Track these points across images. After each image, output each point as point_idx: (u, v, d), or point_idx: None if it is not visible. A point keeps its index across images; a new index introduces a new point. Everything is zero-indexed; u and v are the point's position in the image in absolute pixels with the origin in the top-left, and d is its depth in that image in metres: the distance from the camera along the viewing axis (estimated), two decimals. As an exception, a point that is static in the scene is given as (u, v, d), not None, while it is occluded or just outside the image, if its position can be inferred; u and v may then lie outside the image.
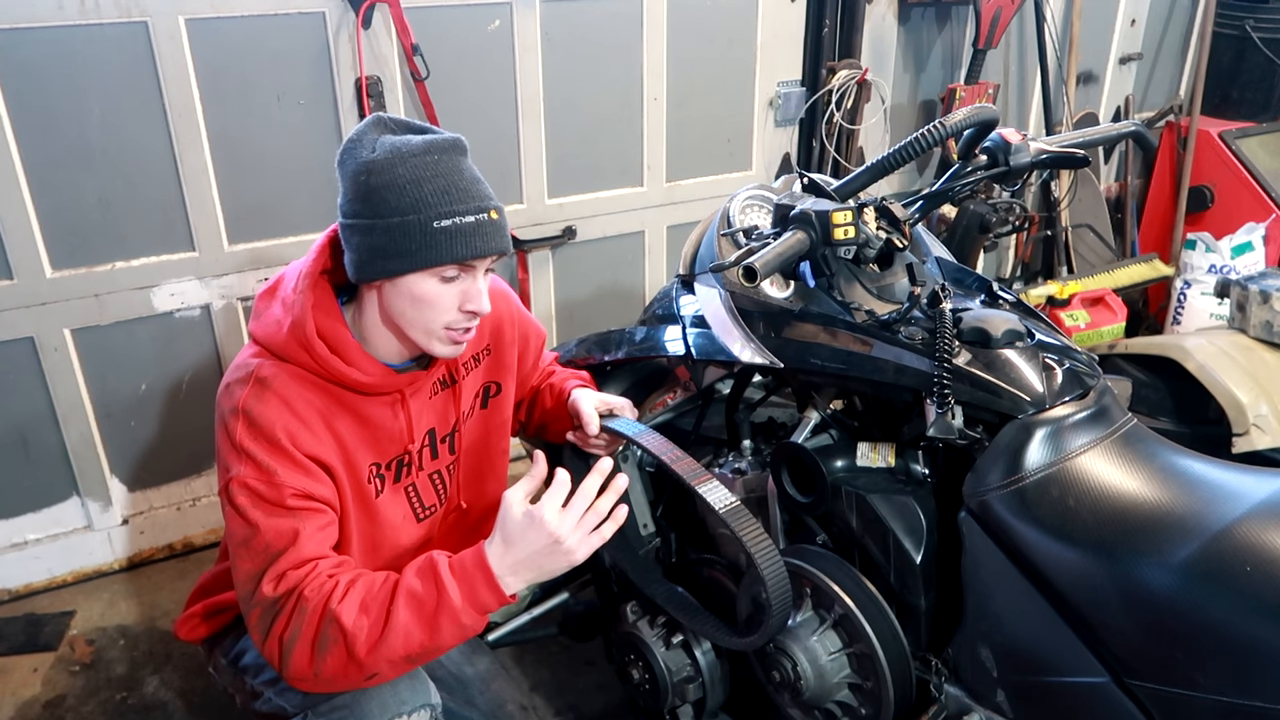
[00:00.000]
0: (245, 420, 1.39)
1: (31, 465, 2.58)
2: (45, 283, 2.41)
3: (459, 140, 1.41)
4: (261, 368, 1.42)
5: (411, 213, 1.35)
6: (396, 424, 1.55)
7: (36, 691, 2.36)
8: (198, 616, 1.68)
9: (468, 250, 1.38)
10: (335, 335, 1.44)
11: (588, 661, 2.40)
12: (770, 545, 1.44)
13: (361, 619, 1.31)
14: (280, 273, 1.53)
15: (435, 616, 1.32)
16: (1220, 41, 3.86)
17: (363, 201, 1.37)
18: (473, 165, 1.43)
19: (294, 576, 1.35)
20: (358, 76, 2.54)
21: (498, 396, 1.75)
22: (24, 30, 2.19)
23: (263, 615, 1.36)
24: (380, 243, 1.36)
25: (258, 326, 1.48)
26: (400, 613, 1.31)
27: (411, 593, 1.33)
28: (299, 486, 1.38)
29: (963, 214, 3.22)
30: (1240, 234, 3.61)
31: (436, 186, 1.36)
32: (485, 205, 1.40)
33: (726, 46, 3.10)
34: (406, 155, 1.36)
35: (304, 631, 1.32)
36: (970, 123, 1.59)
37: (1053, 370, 1.43)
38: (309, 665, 1.33)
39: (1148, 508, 1.33)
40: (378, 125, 1.42)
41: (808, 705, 1.64)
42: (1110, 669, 1.32)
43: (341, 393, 1.47)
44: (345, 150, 1.41)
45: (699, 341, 1.78)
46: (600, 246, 3.14)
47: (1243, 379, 2.66)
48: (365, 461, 1.51)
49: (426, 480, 1.64)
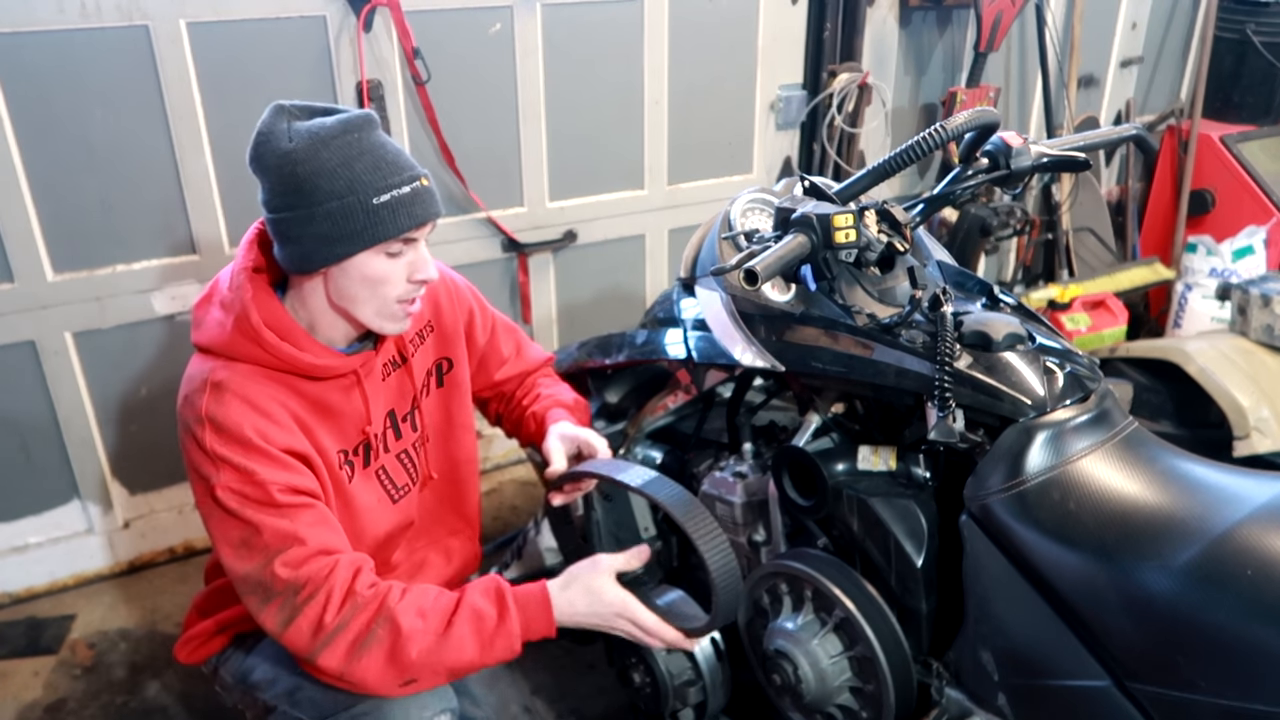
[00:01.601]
0: (212, 427, 1.37)
1: (32, 469, 2.58)
2: (46, 286, 2.41)
3: (370, 115, 1.41)
4: (214, 372, 1.41)
5: (349, 194, 1.34)
6: (354, 407, 1.54)
7: (37, 695, 2.36)
8: (199, 639, 1.66)
9: (410, 220, 1.38)
10: (281, 323, 1.43)
11: (589, 665, 2.40)
12: (714, 528, 1.43)
13: (418, 622, 1.35)
14: (211, 281, 1.52)
15: (493, 637, 1.39)
16: (1221, 45, 3.86)
17: (294, 193, 1.35)
18: (389, 138, 1.43)
19: (316, 565, 1.35)
20: (359, 80, 2.54)
21: (451, 373, 1.74)
22: (25, 34, 2.19)
23: (283, 604, 1.35)
24: (323, 229, 1.35)
25: (200, 334, 1.47)
26: (460, 625, 1.37)
27: (475, 610, 1.39)
28: (282, 481, 1.37)
29: (964, 217, 3.23)
30: (1241, 237, 3.61)
31: (366, 164, 1.36)
32: (415, 173, 1.40)
33: (728, 50, 3.11)
34: (327, 138, 1.35)
35: (353, 625, 1.33)
36: (971, 126, 1.59)
37: (1054, 374, 1.43)
38: (344, 660, 1.34)
39: (1149, 511, 1.33)
40: (282, 114, 1.39)
41: (809, 709, 1.64)
42: (1111, 672, 1.32)
43: (297, 382, 1.46)
44: (257, 145, 1.38)
45: (700, 345, 1.78)
46: (601, 250, 3.14)
47: (1244, 382, 2.67)
48: (333, 449, 1.51)
49: (394, 461, 1.64)
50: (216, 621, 1.65)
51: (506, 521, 2.98)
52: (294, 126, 1.37)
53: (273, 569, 1.35)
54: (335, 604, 1.34)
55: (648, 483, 1.47)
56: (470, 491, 1.80)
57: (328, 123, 1.37)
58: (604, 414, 2.12)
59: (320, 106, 1.43)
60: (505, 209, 2.92)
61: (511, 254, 2.97)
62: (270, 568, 1.35)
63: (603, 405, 2.12)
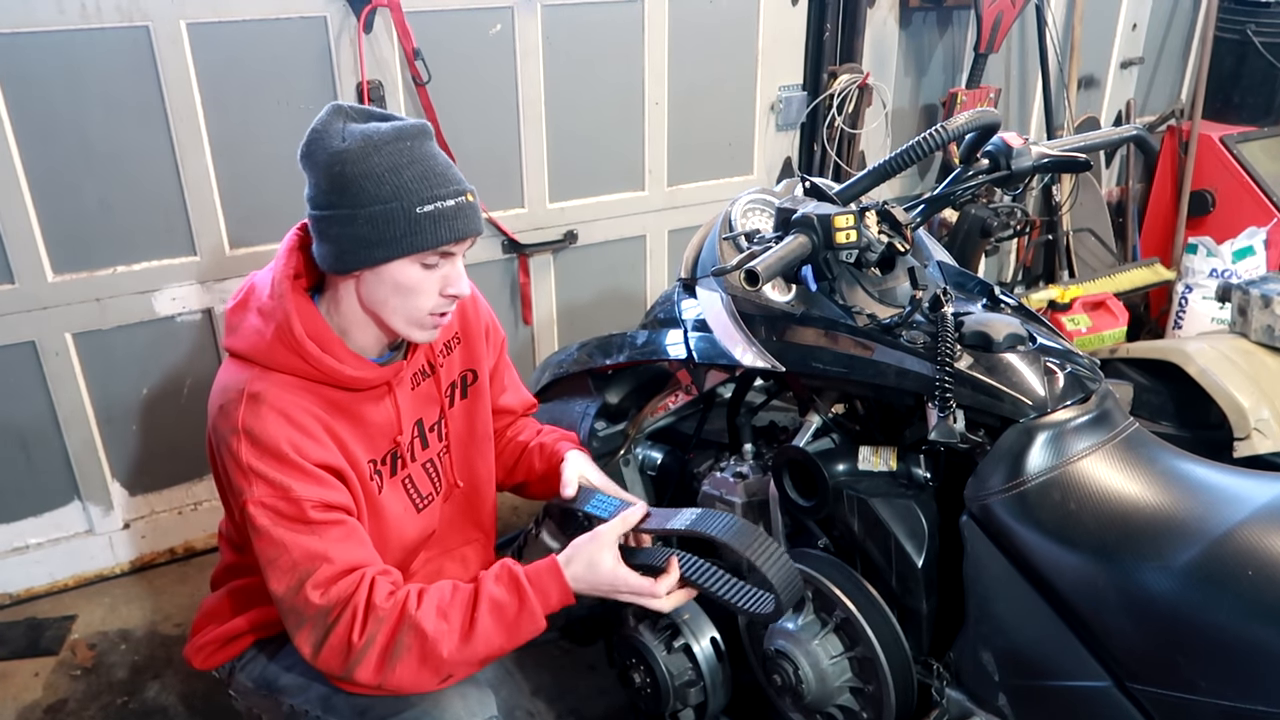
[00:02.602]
0: (248, 440, 1.37)
1: (33, 470, 2.58)
2: (46, 287, 2.41)
3: (425, 125, 1.41)
4: (251, 383, 1.41)
5: (393, 200, 1.35)
6: (386, 417, 1.54)
7: (38, 696, 2.36)
8: (215, 644, 1.65)
9: (451, 233, 1.38)
10: (322, 335, 1.43)
11: (589, 665, 2.39)
12: (771, 546, 1.41)
13: (442, 624, 1.37)
14: (246, 284, 1.51)
15: (516, 621, 1.40)
16: (1221, 46, 3.85)
17: (340, 192, 1.36)
18: (440, 150, 1.43)
19: (343, 585, 1.36)
20: (359, 81, 2.54)
21: (476, 384, 1.74)
22: (25, 35, 2.19)
23: (314, 628, 1.36)
24: (363, 232, 1.36)
25: (237, 340, 1.46)
26: (484, 620, 1.38)
27: (495, 601, 1.40)
28: (316, 498, 1.37)
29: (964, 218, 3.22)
30: (1241, 238, 3.61)
31: (415, 173, 1.36)
32: (462, 188, 1.41)
33: (728, 51, 3.11)
34: (379, 143, 1.35)
35: (379, 639, 1.35)
36: (972, 127, 1.59)
37: (1054, 374, 1.43)
38: (378, 673, 1.36)
39: (1149, 512, 1.33)
40: (339, 114, 1.40)
41: (809, 709, 1.64)
42: (1112, 673, 1.32)
43: (332, 393, 1.46)
44: (310, 141, 1.39)
45: (700, 345, 1.78)
46: (602, 251, 3.14)
47: (1244, 383, 2.66)
48: (364, 459, 1.51)
49: (420, 470, 1.64)
50: (234, 626, 1.63)
51: (507, 522, 2.98)
52: (349, 128, 1.38)
53: (305, 595, 1.36)
54: (359, 622, 1.35)
55: (695, 522, 1.46)
56: (488, 501, 1.80)
57: (382, 128, 1.37)
58: (604, 414, 2.12)
59: (379, 112, 1.43)
60: (506, 210, 2.92)
61: (512, 255, 2.97)
62: (302, 593, 1.36)
63: (603, 406, 2.12)
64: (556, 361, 2.20)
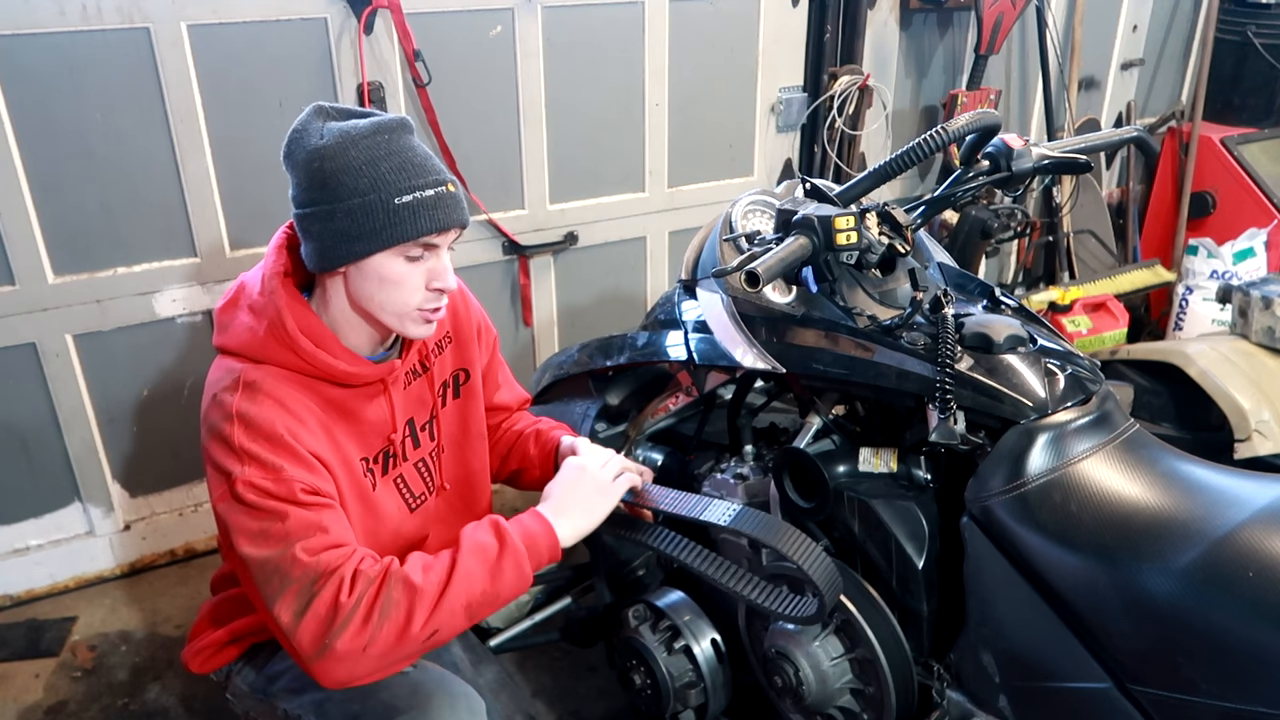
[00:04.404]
0: (242, 423, 1.36)
1: (33, 471, 2.58)
2: (47, 288, 2.41)
3: (405, 120, 1.41)
4: (247, 372, 1.40)
5: (371, 192, 1.35)
6: (380, 415, 1.54)
7: (38, 697, 2.36)
8: (212, 648, 1.64)
9: (431, 224, 1.38)
10: (314, 330, 1.43)
11: (590, 667, 2.40)
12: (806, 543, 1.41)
13: (429, 576, 1.37)
14: (235, 284, 1.51)
15: (499, 562, 1.41)
16: (1222, 47, 3.86)
17: (319, 188, 1.36)
18: (420, 143, 1.43)
19: (334, 554, 1.33)
20: (359, 82, 2.54)
21: (468, 383, 1.74)
22: (26, 36, 2.19)
23: (298, 594, 1.32)
24: (343, 226, 1.36)
25: (227, 338, 1.46)
26: (465, 560, 1.39)
27: (476, 543, 1.42)
28: (307, 482, 1.36)
29: (965, 219, 3.23)
30: (1242, 239, 3.61)
31: (392, 164, 1.36)
32: (441, 179, 1.40)
33: (728, 52, 3.11)
34: (357, 138, 1.36)
35: (365, 597, 1.32)
36: (972, 128, 1.59)
37: (1055, 376, 1.43)
38: (361, 632, 1.30)
39: (1150, 513, 1.33)
40: (320, 114, 1.41)
41: (810, 711, 1.64)
42: (1112, 674, 1.32)
43: (326, 388, 1.46)
44: (291, 141, 1.40)
45: (701, 347, 1.78)
46: (602, 252, 3.14)
47: (1245, 385, 2.66)
48: (356, 456, 1.51)
49: (413, 470, 1.64)
50: (231, 630, 1.63)
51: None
52: (328, 125, 1.38)
53: (293, 553, 1.32)
54: (348, 586, 1.32)
55: (734, 520, 1.45)
56: (482, 500, 1.80)
57: (360, 124, 1.38)
58: (605, 416, 2.12)
59: (360, 110, 1.44)
60: (506, 211, 2.92)
61: (512, 256, 2.97)
62: (291, 552, 1.32)
63: (603, 407, 2.12)
64: (557, 363, 2.20)
